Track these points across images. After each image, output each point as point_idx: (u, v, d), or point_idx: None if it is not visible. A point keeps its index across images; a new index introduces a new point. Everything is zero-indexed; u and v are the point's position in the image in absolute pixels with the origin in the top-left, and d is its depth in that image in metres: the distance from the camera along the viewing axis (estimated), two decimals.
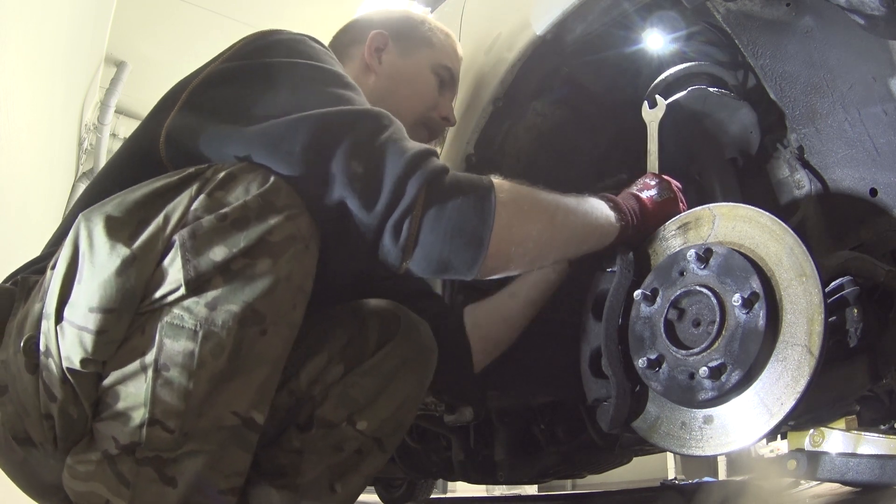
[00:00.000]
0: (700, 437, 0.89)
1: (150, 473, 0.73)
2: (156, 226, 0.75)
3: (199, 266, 0.73)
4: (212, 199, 0.76)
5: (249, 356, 0.76)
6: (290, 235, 0.77)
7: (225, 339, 0.74)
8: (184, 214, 0.75)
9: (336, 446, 0.91)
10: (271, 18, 4.81)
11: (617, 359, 0.98)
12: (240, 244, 0.75)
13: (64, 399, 0.75)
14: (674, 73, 1.23)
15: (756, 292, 0.85)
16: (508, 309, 1.20)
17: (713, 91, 1.18)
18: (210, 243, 0.74)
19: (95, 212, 0.77)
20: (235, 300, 0.74)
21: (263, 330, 0.76)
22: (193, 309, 0.73)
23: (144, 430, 0.73)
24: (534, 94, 1.41)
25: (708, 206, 0.99)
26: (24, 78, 2.56)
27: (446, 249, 0.84)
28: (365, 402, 0.93)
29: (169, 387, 0.73)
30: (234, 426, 0.76)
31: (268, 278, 0.75)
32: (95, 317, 0.73)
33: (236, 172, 0.79)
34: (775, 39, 1.03)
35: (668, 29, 1.25)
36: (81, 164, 5.40)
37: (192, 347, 0.73)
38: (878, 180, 1.01)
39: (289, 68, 0.90)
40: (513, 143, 1.44)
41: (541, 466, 1.71)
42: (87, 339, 0.73)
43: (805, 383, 0.80)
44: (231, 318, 0.74)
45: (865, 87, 0.97)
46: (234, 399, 0.76)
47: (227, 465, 0.77)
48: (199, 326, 0.73)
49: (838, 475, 1.14)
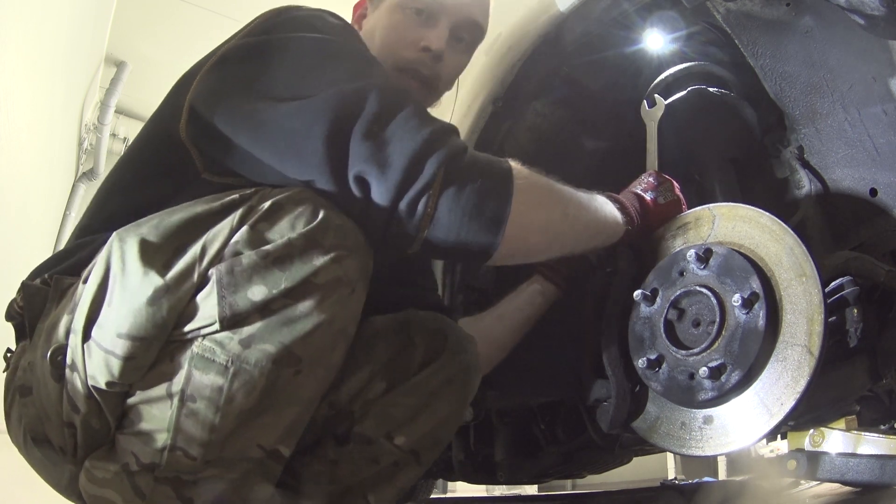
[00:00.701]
0: (700, 437, 0.89)
1: (168, 492, 0.71)
2: (192, 256, 0.72)
3: (236, 304, 0.71)
4: (254, 232, 0.73)
5: (281, 395, 0.73)
6: (336, 278, 0.74)
7: (257, 379, 0.71)
8: (223, 246, 0.72)
9: (372, 459, 0.88)
10: None
11: (617, 359, 0.98)
12: (280, 285, 0.71)
13: (87, 412, 0.74)
14: (674, 73, 1.23)
15: (756, 292, 0.85)
16: (495, 332, 1.18)
17: (713, 91, 1.18)
18: (249, 282, 0.71)
19: (131, 233, 0.74)
20: (272, 340, 0.71)
21: (298, 370, 0.73)
22: (226, 344, 0.71)
23: (165, 454, 0.71)
24: (534, 94, 1.41)
25: (708, 206, 0.99)
26: (24, 78, 2.56)
27: (463, 231, 0.81)
28: (405, 420, 0.90)
29: (193, 418, 0.71)
30: (259, 459, 0.74)
31: (309, 321, 0.72)
32: (123, 343, 0.71)
33: (283, 202, 0.76)
34: (775, 39, 1.03)
35: (668, 29, 1.25)
36: (81, 164, 5.40)
37: (220, 383, 0.71)
38: (878, 180, 1.01)
39: (305, 44, 0.88)
40: (513, 143, 1.44)
41: (541, 466, 1.70)
42: (113, 363, 0.71)
43: (805, 383, 0.80)
44: (265, 358, 0.71)
45: (865, 87, 0.97)
46: (261, 434, 0.74)
47: (247, 493, 0.75)
48: (231, 363, 0.71)
49: (838, 475, 1.14)
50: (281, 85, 0.83)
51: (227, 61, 0.88)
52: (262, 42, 0.88)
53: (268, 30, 0.90)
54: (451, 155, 0.81)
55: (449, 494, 4.55)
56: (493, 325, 1.19)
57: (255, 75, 0.85)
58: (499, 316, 1.19)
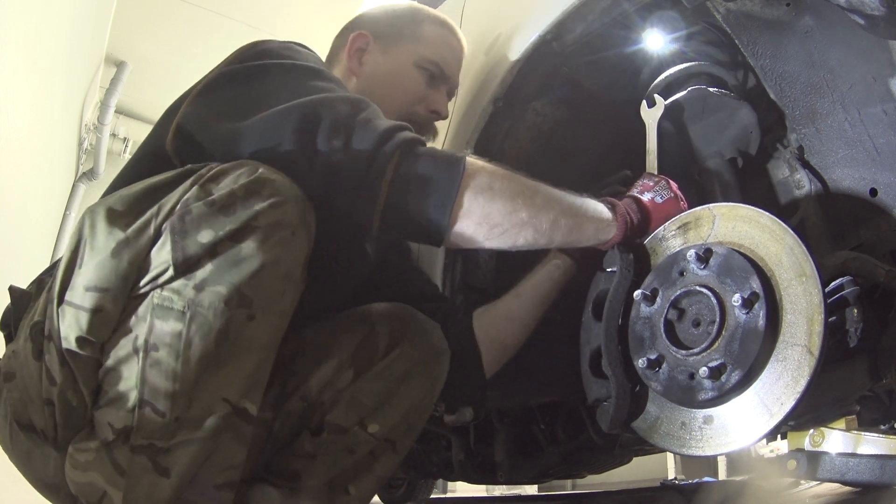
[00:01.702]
0: (700, 437, 0.89)
1: (145, 462, 0.74)
2: (150, 214, 0.78)
3: (187, 248, 0.76)
4: (202, 190, 0.79)
5: (238, 341, 0.77)
6: (276, 221, 0.79)
7: (212, 321, 0.75)
8: (176, 203, 0.78)
9: (349, 449, 0.92)
10: (272, 18, 4.81)
11: (617, 359, 0.98)
12: (226, 227, 0.77)
13: (63, 382, 0.77)
14: (674, 73, 1.23)
15: (756, 292, 0.85)
16: (514, 309, 1.21)
17: (713, 91, 1.18)
18: (198, 227, 0.77)
19: (99, 205, 0.81)
20: (222, 282, 0.76)
21: (251, 315, 0.77)
22: (182, 290, 0.76)
23: (136, 413, 0.74)
24: (534, 94, 1.41)
25: (708, 206, 0.99)
26: (24, 78, 2.56)
27: (414, 207, 0.88)
28: (375, 406, 0.94)
29: (157, 367, 0.75)
30: (226, 415, 0.77)
31: (254, 261, 0.77)
32: (91, 295, 0.76)
33: (227, 168, 0.82)
34: (775, 39, 1.03)
35: (668, 29, 1.25)
36: (81, 164, 5.41)
37: (179, 328, 0.75)
38: (878, 180, 1.01)
39: (275, 69, 0.96)
40: (513, 143, 1.44)
41: (541, 466, 1.71)
42: (83, 317, 0.76)
43: (805, 383, 0.80)
44: (218, 299, 0.76)
45: (865, 87, 0.97)
46: (224, 386, 0.77)
47: (222, 456, 0.78)
48: (187, 307, 0.75)
49: (838, 475, 1.14)
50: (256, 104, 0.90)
51: (208, 90, 0.96)
52: (238, 70, 0.97)
53: (243, 59, 0.99)
54: (405, 141, 0.89)
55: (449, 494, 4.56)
56: (511, 301, 1.21)
57: (235, 98, 0.93)
58: (516, 293, 1.21)
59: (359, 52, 1.24)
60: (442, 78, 1.27)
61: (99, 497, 0.75)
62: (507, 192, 0.92)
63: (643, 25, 1.26)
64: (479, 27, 1.56)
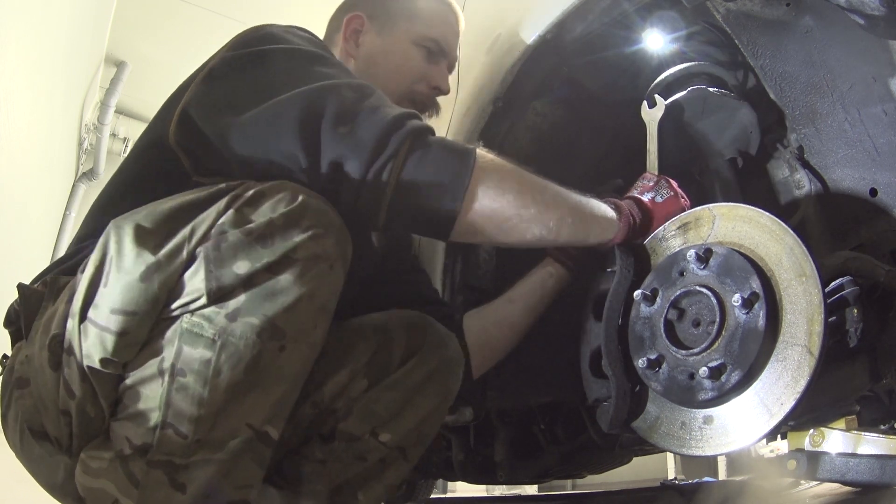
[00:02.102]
0: (700, 437, 0.89)
1: (161, 477, 0.73)
2: (181, 237, 0.76)
3: (222, 278, 0.74)
4: (238, 215, 0.77)
5: (267, 371, 0.76)
6: (315, 254, 0.78)
7: (243, 351, 0.74)
8: (210, 227, 0.76)
9: (359, 457, 0.91)
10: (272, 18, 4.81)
11: (617, 359, 0.98)
12: (263, 259, 0.75)
13: (82, 397, 0.76)
14: (674, 73, 1.23)
15: (756, 292, 0.85)
16: (505, 315, 1.20)
17: (713, 91, 1.18)
18: (234, 257, 0.75)
19: (126, 220, 0.78)
20: (256, 313, 0.74)
21: (283, 346, 0.76)
22: (213, 318, 0.74)
23: (157, 433, 0.73)
24: (534, 94, 1.41)
25: (708, 206, 0.99)
26: (24, 78, 2.56)
27: (424, 196, 0.86)
28: (388, 416, 0.93)
29: (183, 392, 0.73)
30: (248, 438, 0.76)
31: (290, 294, 0.75)
32: (117, 318, 0.74)
33: (266, 190, 0.80)
34: (775, 39, 1.03)
35: (668, 29, 1.25)
36: (81, 164, 5.40)
37: (209, 356, 0.74)
38: (878, 180, 1.01)
39: (278, 54, 0.94)
40: (513, 142, 1.44)
41: (541, 466, 1.70)
42: (107, 339, 0.74)
43: (805, 383, 0.80)
44: (250, 330, 0.74)
45: (865, 87, 0.97)
46: (249, 412, 0.76)
47: (239, 476, 0.77)
48: (218, 336, 0.74)
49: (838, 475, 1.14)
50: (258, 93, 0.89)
51: (212, 77, 0.94)
52: (241, 56, 0.95)
53: (246, 44, 0.97)
54: (415, 130, 0.87)
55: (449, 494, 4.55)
56: (503, 307, 1.21)
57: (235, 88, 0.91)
58: (508, 299, 1.20)
59: (354, 33, 1.23)
60: (441, 53, 1.25)
61: None
62: (518, 186, 0.92)
63: (643, 25, 1.26)
64: (479, 27, 1.56)
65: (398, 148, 0.85)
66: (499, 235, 0.92)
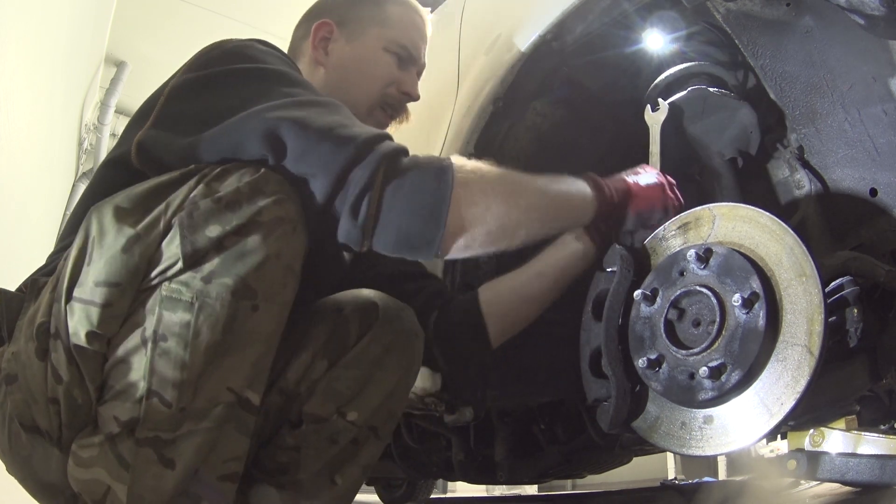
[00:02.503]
0: (700, 437, 0.89)
1: (150, 454, 0.75)
2: (158, 211, 0.81)
3: (196, 242, 0.79)
4: (208, 188, 0.82)
5: (243, 331, 0.80)
6: (279, 217, 0.82)
7: (219, 311, 0.78)
8: (183, 200, 0.81)
9: (331, 439, 0.92)
10: (271, 18, 4.81)
11: (617, 359, 0.97)
12: (232, 223, 0.80)
13: (70, 380, 0.78)
14: (674, 73, 1.23)
15: (756, 292, 0.85)
16: (533, 289, 1.18)
17: (713, 91, 1.18)
18: (206, 222, 0.79)
19: (105, 204, 0.83)
20: (228, 274, 0.79)
21: (255, 305, 0.80)
22: (190, 282, 0.78)
23: (143, 405, 0.76)
24: (534, 94, 1.41)
25: (708, 206, 0.99)
26: (24, 78, 2.56)
27: (405, 225, 0.87)
28: (351, 394, 0.93)
29: (166, 357, 0.77)
30: (230, 404, 0.79)
31: (258, 254, 0.80)
32: (101, 290, 0.78)
33: (231, 168, 0.84)
34: (775, 39, 1.03)
35: (668, 29, 1.25)
36: (81, 164, 5.40)
37: (188, 318, 0.77)
38: (878, 180, 1.01)
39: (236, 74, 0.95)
40: (513, 142, 1.44)
41: (541, 466, 1.71)
42: (93, 312, 0.78)
43: (805, 383, 0.80)
44: (225, 291, 0.78)
45: (865, 87, 0.97)
46: (229, 375, 0.79)
47: (225, 448, 0.79)
48: (196, 298, 0.78)
49: (838, 475, 1.14)
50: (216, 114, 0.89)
51: (171, 99, 0.95)
52: (197, 78, 0.95)
53: (203, 65, 0.97)
54: (387, 156, 0.86)
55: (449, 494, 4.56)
56: (532, 282, 1.18)
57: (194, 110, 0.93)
58: (538, 273, 1.17)
59: (323, 41, 1.21)
60: (411, 59, 1.24)
61: (103, 493, 0.75)
62: (499, 195, 0.92)
63: (643, 25, 1.26)
64: (479, 27, 1.56)
65: (372, 178, 0.85)
66: (486, 246, 0.93)
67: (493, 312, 1.18)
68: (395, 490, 2.79)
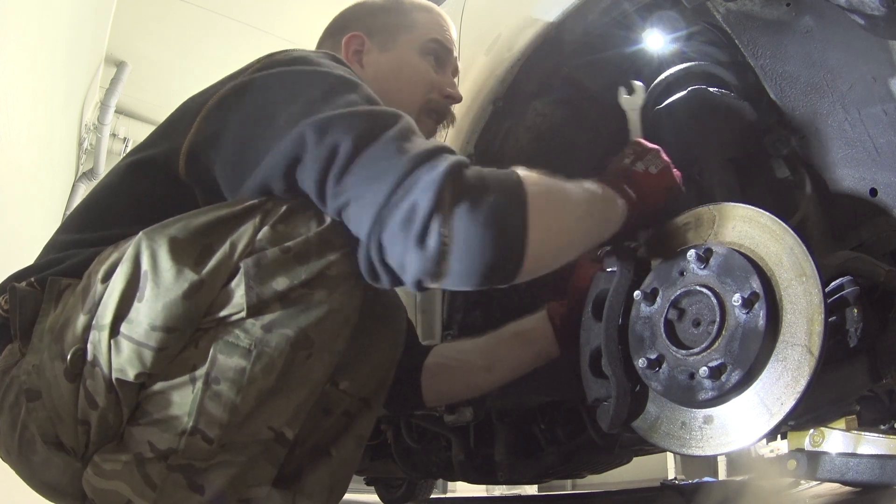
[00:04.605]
0: (700, 437, 0.89)
1: (180, 480, 0.75)
2: (223, 253, 0.78)
3: (262, 293, 0.77)
4: (275, 232, 0.80)
5: (294, 377, 0.80)
6: (345, 272, 0.81)
7: (276, 360, 0.78)
8: (249, 243, 0.79)
9: (325, 409, 0.92)
10: (272, 18, 4.81)
11: (617, 359, 0.97)
12: (301, 276, 0.79)
13: (105, 406, 0.77)
14: (674, 73, 1.23)
15: (756, 292, 0.85)
16: (477, 379, 1.23)
17: (713, 91, 1.18)
18: (274, 273, 0.78)
19: (158, 233, 0.79)
20: (291, 325, 0.78)
21: (310, 354, 0.80)
22: (250, 330, 0.77)
23: (184, 439, 0.75)
24: (534, 93, 1.41)
25: (708, 206, 0.99)
26: (24, 78, 2.56)
27: (489, 253, 0.76)
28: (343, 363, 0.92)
29: (217, 399, 0.76)
30: (267, 440, 0.79)
31: (322, 308, 0.79)
32: (158, 335, 0.76)
33: (295, 208, 0.83)
34: (775, 39, 1.03)
35: (668, 29, 1.25)
36: (81, 164, 5.40)
37: (244, 365, 0.77)
38: (878, 180, 1.01)
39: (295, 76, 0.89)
40: (513, 142, 1.44)
41: (541, 466, 1.71)
42: (146, 355, 0.76)
43: (805, 383, 0.80)
44: (285, 342, 0.78)
45: (865, 87, 0.97)
46: (273, 415, 0.79)
47: (254, 476, 0.79)
48: (254, 346, 0.77)
49: (838, 475, 1.14)
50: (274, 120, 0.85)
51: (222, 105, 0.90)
52: (255, 80, 0.90)
53: (261, 68, 0.92)
54: (454, 172, 0.76)
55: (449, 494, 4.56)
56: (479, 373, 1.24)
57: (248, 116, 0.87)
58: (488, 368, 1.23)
59: (357, 54, 1.19)
60: (447, 54, 1.23)
61: None
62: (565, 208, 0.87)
63: (643, 25, 1.26)
64: (479, 27, 1.56)
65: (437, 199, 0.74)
66: (555, 265, 0.87)
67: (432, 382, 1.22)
68: (395, 490, 2.79)
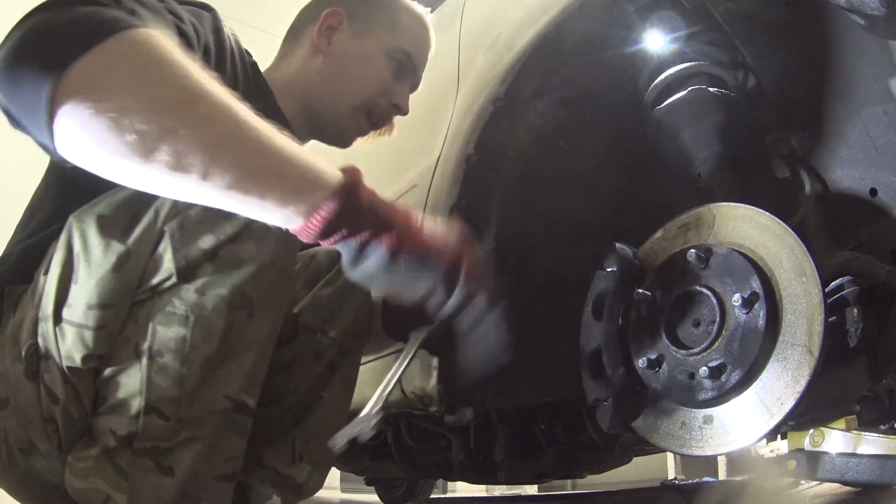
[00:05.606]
0: (700, 436, 0.89)
1: (148, 464, 0.74)
2: (147, 220, 0.76)
3: (190, 255, 0.76)
4: None
5: (238, 340, 0.78)
6: None
7: (215, 323, 0.76)
8: (173, 207, 0.76)
9: (316, 355, 0.98)
10: (272, 18, 4.80)
11: (617, 359, 0.98)
12: (227, 231, 0.76)
13: (66, 399, 0.76)
14: (673, 73, 1.23)
15: (756, 292, 0.85)
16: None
17: (713, 91, 1.18)
18: (198, 232, 0.76)
19: (86, 213, 0.77)
20: (224, 285, 0.76)
21: (250, 313, 0.79)
22: (184, 296, 0.76)
23: (141, 419, 0.74)
24: (534, 94, 1.40)
25: (708, 206, 0.99)
26: None
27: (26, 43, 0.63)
28: (331, 311, 1.01)
29: (163, 373, 0.75)
30: (226, 410, 0.78)
31: (254, 263, 0.78)
32: (95, 313, 0.75)
33: None
34: (775, 39, 1.03)
35: (668, 29, 1.25)
36: None
37: (183, 332, 0.75)
38: (878, 180, 1.01)
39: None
40: (513, 143, 1.44)
41: (541, 466, 1.71)
42: (87, 335, 0.75)
43: (805, 383, 0.80)
44: (221, 302, 0.76)
45: (865, 87, 0.97)
46: (225, 383, 0.78)
47: (222, 450, 0.79)
48: (190, 311, 0.76)
49: (838, 475, 1.14)
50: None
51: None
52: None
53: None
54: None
55: (449, 494, 4.56)
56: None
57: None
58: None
59: (329, 30, 1.19)
60: (409, 70, 1.22)
61: (102, 502, 0.74)
62: (162, 80, 0.63)
63: (643, 25, 1.26)
64: (479, 27, 1.56)
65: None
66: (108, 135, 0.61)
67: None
68: (395, 490, 2.79)
